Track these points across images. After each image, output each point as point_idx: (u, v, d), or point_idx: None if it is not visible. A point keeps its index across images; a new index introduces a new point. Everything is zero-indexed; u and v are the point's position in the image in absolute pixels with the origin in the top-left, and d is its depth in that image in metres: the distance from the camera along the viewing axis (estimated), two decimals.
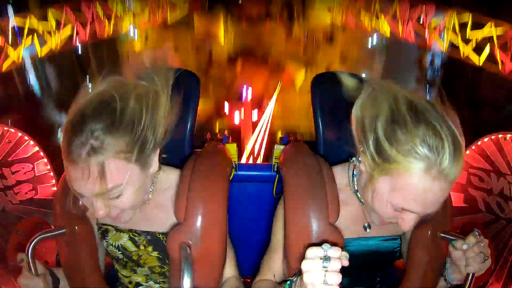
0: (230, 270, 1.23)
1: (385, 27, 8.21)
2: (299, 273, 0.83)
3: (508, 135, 2.49)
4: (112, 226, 1.20)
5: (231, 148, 1.54)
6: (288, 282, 0.92)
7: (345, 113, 1.06)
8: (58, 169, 2.57)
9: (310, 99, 1.49)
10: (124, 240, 1.20)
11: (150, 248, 1.20)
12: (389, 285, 1.38)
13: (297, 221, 1.10)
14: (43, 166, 2.57)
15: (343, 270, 0.78)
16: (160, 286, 1.26)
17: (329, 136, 1.49)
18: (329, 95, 1.51)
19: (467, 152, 2.53)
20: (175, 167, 1.24)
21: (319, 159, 1.22)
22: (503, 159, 2.47)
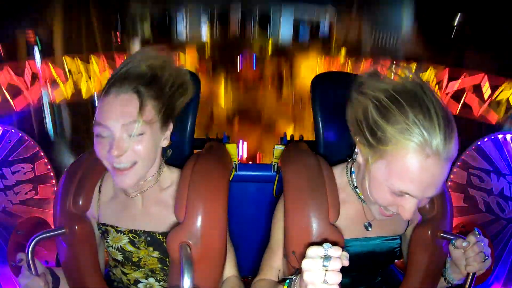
0: (230, 270, 1.23)
1: None
2: (299, 271, 0.83)
3: (508, 135, 2.48)
4: (112, 226, 1.20)
5: (231, 148, 1.54)
6: (287, 281, 0.92)
7: (345, 113, 1.06)
8: (58, 169, 2.57)
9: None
10: (124, 242, 1.20)
11: (151, 249, 1.20)
12: (389, 285, 1.38)
13: (297, 221, 1.10)
14: (43, 166, 2.56)
15: (343, 270, 0.78)
16: (161, 285, 1.26)
17: (329, 136, 1.49)
18: (329, 95, 1.51)
19: (467, 152, 2.52)
20: (176, 167, 1.24)
21: (319, 159, 1.21)
22: (503, 159, 2.46)
